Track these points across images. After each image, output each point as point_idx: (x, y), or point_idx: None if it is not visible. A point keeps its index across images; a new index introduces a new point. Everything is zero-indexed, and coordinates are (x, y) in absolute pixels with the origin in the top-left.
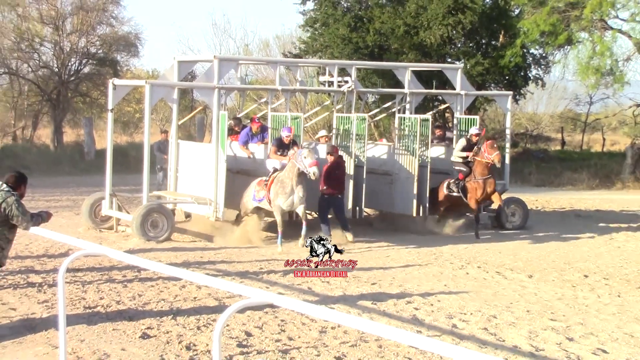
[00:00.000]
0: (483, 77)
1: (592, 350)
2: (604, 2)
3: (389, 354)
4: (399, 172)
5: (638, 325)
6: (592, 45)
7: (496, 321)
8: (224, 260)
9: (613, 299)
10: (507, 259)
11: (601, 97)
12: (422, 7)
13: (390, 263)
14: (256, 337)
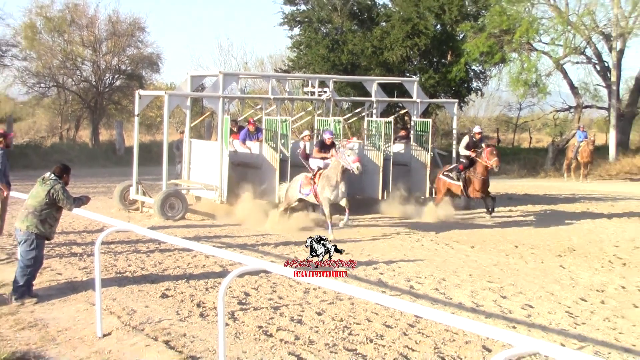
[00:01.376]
0: (434, 88)
1: (521, 306)
2: (530, 29)
3: (359, 309)
4: (367, 165)
5: (557, 286)
6: (521, 63)
7: (445, 283)
8: (227, 235)
9: (537, 264)
10: (453, 233)
11: (528, 104)
12: (385, 32)
13: (360, 237)
14: (253, 297)
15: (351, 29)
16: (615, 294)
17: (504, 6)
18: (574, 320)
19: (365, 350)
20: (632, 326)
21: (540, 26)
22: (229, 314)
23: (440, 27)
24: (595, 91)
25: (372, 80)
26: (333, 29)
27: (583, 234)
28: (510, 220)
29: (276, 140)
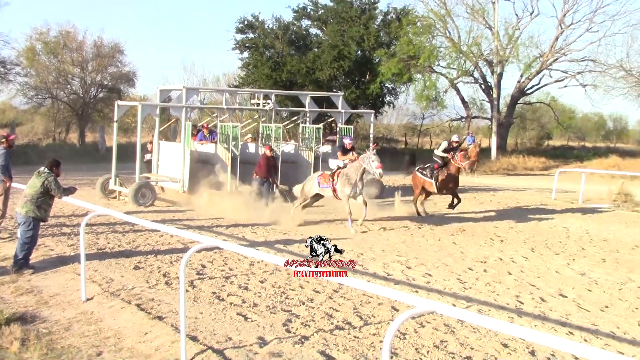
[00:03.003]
0: (356, 101)
1: (422, 274)
2: (431, 56)
3: (294, 279)
4: (301, 161)
5: (451, 258)
6: (424, 82)
7: (363, 257)
8: (188, 218)
9: (435, 242)
10: (369, 216)
11: (429, 114)
12: (317, 56)
13: (298, 219)
14: (208, 268)
15: (290, 53)
16: (495, 264)
17: (411, 37)
18: (463, 285)
19: (299, 311)
20: (507, 289)
21: (438, 53)
22: (188, 283)
23: (361, 53)
24: (481, 105)
25: (306, 94)
26: (275, 53)
27: (471, 217)
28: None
29: (228, 142)
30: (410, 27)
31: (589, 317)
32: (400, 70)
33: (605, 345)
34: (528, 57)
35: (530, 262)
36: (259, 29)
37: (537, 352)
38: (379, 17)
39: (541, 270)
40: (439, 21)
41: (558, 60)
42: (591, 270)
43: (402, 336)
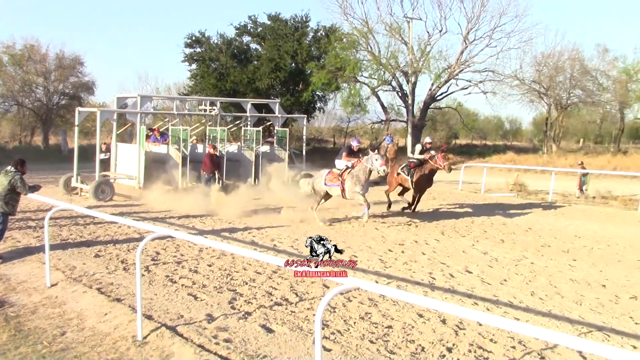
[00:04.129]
0: (291, 107)
1: (349, 256)
2: (355, 68)
3: (238, 262)
4: (244, 160)
5: (373, 241)
6: (349, 91)
7: (298, 242)
8: (143, 211)
9: (360, 228)
10: (304, 205)
11: (354, 118)
12: (257, 68)
13: (241, 210)
14: (162, 255)
15: (232, 65)
16: (411, 246)
17: (338, 52)
18: (384, 264)
19: (242, 290)
20: (422, 267)
21: (362, 65)
22: (144, 268)
23: (295, 65)
24: (398, 110)
25: (247, 101)
26: (220, 65)
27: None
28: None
29: (179, 144)
30: (337, 43)
31: (491, 289)
32: (329, 80)
33: (504, 313)
34: (438, 68)
35: (440, 244)
36: (205, 44)
37: (447, 321)
38: (310, 34)
39: (450, 251)
40: (362, 38)
41: (463, 71)
42: (492, 249)
43: (333, 310)
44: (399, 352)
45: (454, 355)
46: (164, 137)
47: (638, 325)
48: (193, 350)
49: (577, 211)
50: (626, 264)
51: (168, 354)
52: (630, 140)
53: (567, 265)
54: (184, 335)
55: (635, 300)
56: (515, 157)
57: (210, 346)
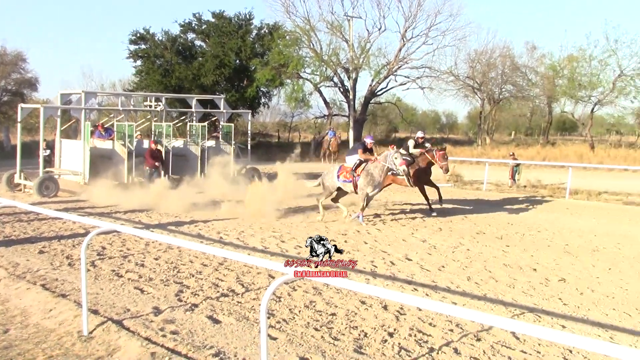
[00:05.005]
0: (236, 102)
1: (294, 246)
2: (298, 64)
3: (184, 255)
4: (190, 155)
5: (317, 232)
6: (293, 86)
7: (244, 234)
8: (89, 206)
9: (304, 219)
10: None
11: (298, 113)
12: (202, 64)
13: (182, 204)
14: (108, 249)
15: (177, 62)
16: (353, 235)
17: (281, 49)
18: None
19: (189, 283)
20: (364, 256)
21: (304, 62)
22: (90, 263)
23: (239, 62)
24: (340, 105)
25: (192, 97)
26: (165, 62)
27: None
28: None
29: (125, 139)
30: (281, 40)
31: (430, 275)
32: (273, 76)
33: (442, 298)
34: (377, 65)
35: (382, 233)
36: (150, 41)
37: (388, 307)
38: (253, 31)
39: (391, 239)
40: (304, 35)
41: (401, 68)
42: (430, 237)
43: (278, 299)
44: (343, 339)
45: (395, 339)
46: (108, 132)
47: (566, 305)
48: (140, 343)
49: (510, 199)
50: (555, 249)
51: (114, 348)
52: (557, 132)
53: (501, 251)
54: (131, 328)
55: (564, 282)
56: (451, 149)
57: (157, 339)
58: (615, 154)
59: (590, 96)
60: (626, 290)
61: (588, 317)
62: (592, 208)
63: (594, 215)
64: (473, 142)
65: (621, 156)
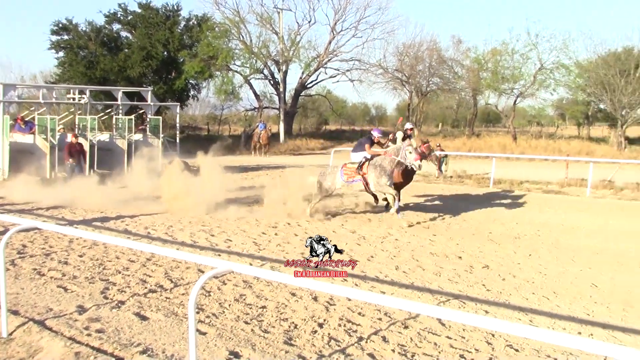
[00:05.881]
0: (164, 95)
1: (224, 240)
2: (227, 56)
3: (111, 251)
4: (116, 149)
5: (248, 225)
6: (222, 79)
7: (172, 229)
8: (8, 203)
9: (234, 213)
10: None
11: (228, 105)
12: (128, 56)
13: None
14: (29, 247)
15: (102, 53)
16: (284, 228)
17: (210, 40)
18: (259, 247)
19: (116, 279)
20: (294, 248)
21: (234, 54)
22: (9, 262)
23: (167, 54)
24: (270, 97)
25: (118, 89)
26: (89, 53)
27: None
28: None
29: (47, 133)
30: (210, 32)
31: (359, 265)
32: (202, 68)
33: (371, 287)
34: (307, 57)
35: (312, 225)
36: (73, 31)
37: (318, 298)
38: (182, 22)
39: (321, 231)
40: (234, 27)
41: (331, 60)
42: (360, 228)
43: (208, 294)
44: (273, 331)
45: (325, 330)
46: (28, 126)
47: (489, 291)
48: (63, 343)
49: (437, 189)
50: (479, 237)
51: (36, 349)
52: (482, 123)
53: (428, 240)
54: (54, 328)
55: (487, 269)
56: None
57: (81, 338)
58: (536, 145)
59: (512, 89)
60: (545, 275)
61: (510, 302)
62: (514, 197)
63: (516, 203)
64: None
65: (542, 147)
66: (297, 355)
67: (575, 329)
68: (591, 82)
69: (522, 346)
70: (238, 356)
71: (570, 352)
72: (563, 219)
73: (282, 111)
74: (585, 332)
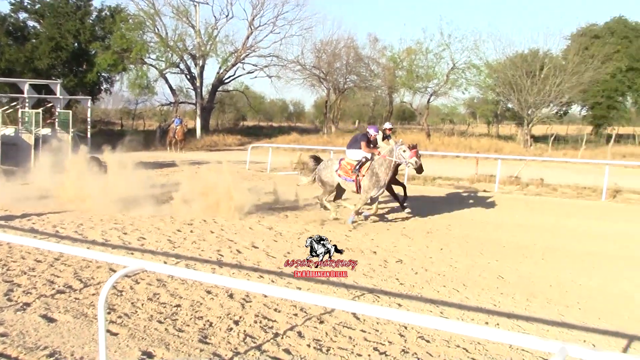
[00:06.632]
0: (74, 88)
1: (137, 238)
2: (142, 49)
3: (15, 251)
4: (22, 144)
5: (163, 223)
6: (137, 72)
7: (83, 227)
8: None
9: (152, 209)
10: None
11: (143, 100)
12: (35, 47)
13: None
14: None
15: (7, 43)
16: (200, 225)
17: (124, 32)
18: (173, 245)
19: (20, 281)
20: (210, 245)
21: (149, 47)
22: None
23: (78, 45)
24: (187, 92)
25: (24, 81)
26: None
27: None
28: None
29: None
30: (123, 24)
31: (275, 262)
32: (115, 61)
33: (287, 283)
34: (225, 52)
35: (228, 222)
36: None
37: (234, 295)
38: (93, 13)
39: (238, 228)
40: (149, 19)
41: (249, 56)
42: (277, 224)
43: (120, 293)
44: (188, 330)
45: (241, 327)
46: None
47: (403, 285)
48: None
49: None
50: (393, 232)
51: None
52: (398, 121)
53: (344, 236)
54: None
55: (401, 263)
56: (299, 137)
57: None
58: (448, 142)
59: (426, 87)
60: (455, 268)
61: (422, 295)
62: (427, 192)
63: (428, 199)
64: (319, 131)
65: (454, 144)
66: (212, 353)
67: (482, 319)
68: (500, 82)
69: (433, 337)
70: (151, 356)
71: (478, 342)
72: (473, 214)
73: (199, 106)
74: (492, 322)
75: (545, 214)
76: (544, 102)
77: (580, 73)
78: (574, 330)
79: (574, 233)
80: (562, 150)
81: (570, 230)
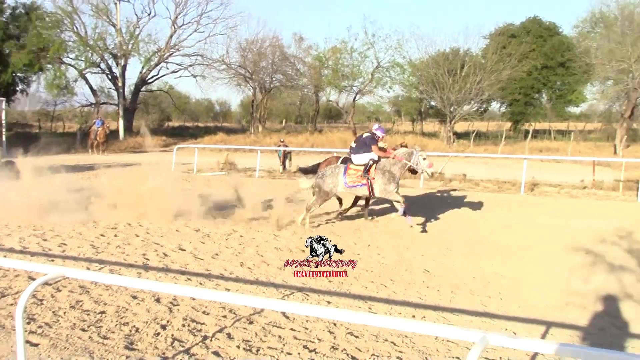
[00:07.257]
0: None
1: (58, 244)
2: (60, 48)
3: None
4: None
5: (85, 228)
6: (55, 72)
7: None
8: None
9: (75, 215)
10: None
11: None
12: None
13: None
14: None
15: None
16: (124, 229)
17: (40, 31)
18: (96, 250)
19: None
20: (135, 249)
21: (67, 46)
22: None
23: None
24: (108, 92)
25: None
26: None
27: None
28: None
29: None
30: (39, 22)
31: (203, 264)
32: (31, 61)
33: (216, 285)
34: (148, 51)
35: (154, 225)
36: None
37: (161, 299)
38: (7, 10)
39: (164, 231)
40: (67, 17)
41: (173, 55)
42: (204, 226)
43: (40, 302)
44: (113, 337)
45: (169, 331)
46: None
47: (331, 282)
48: None
49: (281, 186)
50: (322, 230)
51: None
52: (324, 119)
53: (272, 236)
54: None
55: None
56: (225, 137)
57: None
58: None
59: (352, 86)
60: (383, 264)
61: (350, 291)
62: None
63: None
64: (246, 130)
65: None
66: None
67: (409, 313)
68: (423, 81)
69: (362, 333)
70: None
71: (405, 335)
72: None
73: (122, 107)
74: (418, 315)
75: (468, 207)
76: (465, 100)
77: (499, 71)
78: (496, 319)
79: (495, 226)
80: (483, 146)
81: (492, 223)
